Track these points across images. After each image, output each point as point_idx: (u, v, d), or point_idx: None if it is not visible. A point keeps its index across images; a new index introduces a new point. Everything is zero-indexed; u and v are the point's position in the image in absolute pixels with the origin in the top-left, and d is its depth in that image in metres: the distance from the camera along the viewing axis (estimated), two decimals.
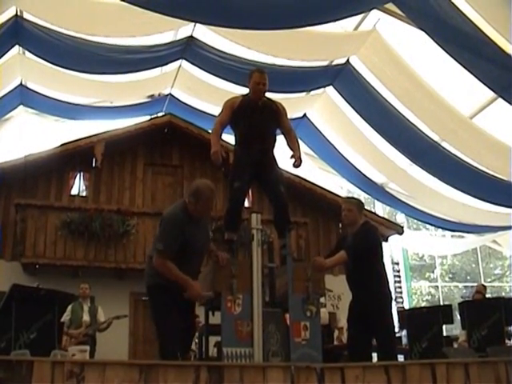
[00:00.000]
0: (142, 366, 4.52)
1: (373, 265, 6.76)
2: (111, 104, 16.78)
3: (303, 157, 6.69)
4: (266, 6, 10.67)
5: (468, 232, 19.49)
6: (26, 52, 13.41)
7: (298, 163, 6.44)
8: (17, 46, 12.99)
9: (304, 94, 16.06)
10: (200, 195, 5.64)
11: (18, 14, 11.77)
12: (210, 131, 6.56)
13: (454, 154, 13.72)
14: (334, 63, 14.36)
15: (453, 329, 14.32)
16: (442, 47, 11.23)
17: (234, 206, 6.39)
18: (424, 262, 27.70)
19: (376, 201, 20.96)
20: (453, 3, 10.23)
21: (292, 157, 6.47)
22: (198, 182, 5.84)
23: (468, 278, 27.59)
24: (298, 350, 5.60)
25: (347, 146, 16.84)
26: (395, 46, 12.84)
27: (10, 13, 11.63)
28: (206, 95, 15.64)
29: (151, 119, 16.04)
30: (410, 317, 9.47)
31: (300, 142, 7.04)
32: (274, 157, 6.61)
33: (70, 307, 10.50)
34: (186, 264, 5.57)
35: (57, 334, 6.48)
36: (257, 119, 6.38)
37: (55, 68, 13.44)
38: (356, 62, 13.82)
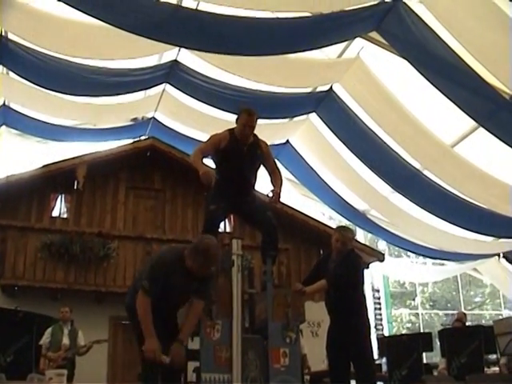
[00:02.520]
0: None
1: (353, 293, 6.77)
2: (94, 126, 16.74)
3: (285, 183, 6.69)
4: (251, 32, 10.75)
5: (449, 260, 19.53)
6: (10, 72, 13.38)
7: (275, 199, 6.35)
8: (0, 66, 12.98)
9: (287, 120, 16.11)
10: (205, 258, 5.34)
11: (3, 34, 11.77)
12: (191, 158, 6.38)
13: (436, 182, 13.78)
14: (317, 90, 14.43)
15: (433, 356, 14.31)
16: (424, 76, 11.34)
17: (209, 227, 6.35)
18: (405, 290, 27.75)
19: (357, 228, 20.97)
20: (436, 33, 10.35)
21: (271, 191, 6.40)
22: (205, 239, 5.49)
23: (448, 305, 27.65)
24: (277, 376, 5.57)
25: (329, 172, 16.88)
26: (378, 74, 12.93)
27: None
28: (190, 119, 15.66)
29: (134, 142, 16.03)
30: (390, 344, 9.49)
31: (282, 168, 7.07)
32: (254, 193, 6.59)
33: (49, 330, 10.43)
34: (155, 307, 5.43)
35: (34, 357, 6.43)
36: (241, 165, 6.28)
37: (39, 89, 13.42)
38: (339, 90, 13.89)
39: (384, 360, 10.47)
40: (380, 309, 20.86)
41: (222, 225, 6.86)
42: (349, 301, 6.68)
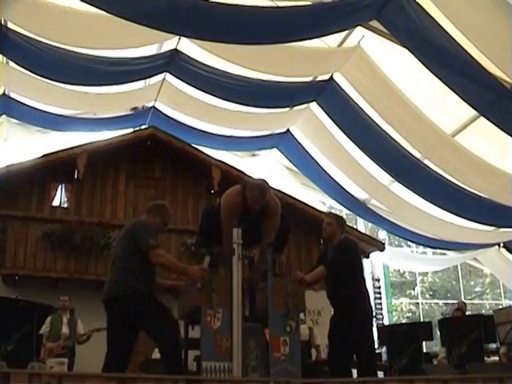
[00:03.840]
0: (120, 378, 4.49)
1: (352, 280, 6.81)
2: (94, 116, 16.71)
3: (285, 172, 6.69)
4: (251, 21, 10.73)
5: (449, 249, 19.54)
6: (10, 62, 13.35)
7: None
8: (0, 56, 12.95)
9: (287, 109, 16.08)
10: (167, 210, 6.46)
11: (2, 23, 11.74)
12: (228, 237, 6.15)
13: (436, 172, 13.76)
14: (317, 79, 14.40)
15: (432, 345, 14.31)
16: (425, 65, 11.31)
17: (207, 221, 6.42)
18: (405, 279, 27.72)
19: (358, 217, 20.98)
20: (436, 22, 10.32)
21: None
22: (165, 203, 6.74)
23: (448, 295, 27.62)
24: (277, 365, 5.59)
25: (330, 162, 16.86)
26: (379, 63, 12.89)
27: None
28: (190, 108, 15.64)
29: (134, 132, 16.02)
30: (390, 333, 9.52)
31: (282, 157, 7.04)
32: None
33: (49, 319, 10.45)
34: (148, 269, 5.88)
35: (35, 346, 6.44)
36: (248, 229, 6.21)
37: (39, 78, 13.38)
38: (340, 79, 13.85)
39: (384, 349, 10.48)
40: (380, 298, 20.82)
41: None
42: (347, 286, 6.74)
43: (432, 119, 12.99)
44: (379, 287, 20.96)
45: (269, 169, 18.27)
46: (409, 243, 23.03)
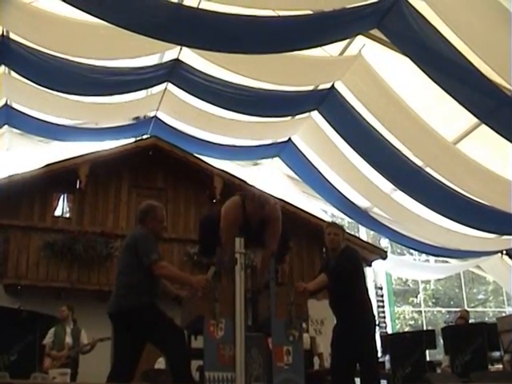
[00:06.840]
0: None
1: (355, 289, 6.81)
2: (96, 126, 16.74)
3: (287, 181, 6.67)
4: (252, 31, 10.75)
5: (451, 257, 19.53)
6: (12, 72, 13.38)
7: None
8: (2, 66, 12.98)
9: (289, 118, 16.10)
10: (155, 209, 6.18)
11: (4, 34, 11.78)
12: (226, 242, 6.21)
13: (438, 180, 13.77)
14: (319, 88, 14.41)
15: (436, 354, 14.27)
16: (426, 73, 11.34)
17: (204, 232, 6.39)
18: (407, 287, 27.70)
19: (360, 225, 20.97)
20: (437, 30, 10.34)
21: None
22: (148, 203, 6.32)
23: (451, 303, 27.60)
24: (280, 374, 5.57)
25: (331, 170, 16.87)
26: (380, 72, 12.91)
27: None
28: (192, 118, 15.66)
29: (136, 141, 16.03)
30: (393, 341, 9.47)
31: (284, 166, 7.03)
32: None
33: (52, 330, 10.42)
34: (152, 281, 5.88)
35: (38, 357, 6.42)
36: (248, 239, 6.21)
37: (41, 88, 13.42)
38: (341, 87, 13.87)
39: (387, 358, 10.45)
40: (383, 306, 20.81)
41: None
42: (350, 295, 6.73)
43: (433, 127, 13.00)
44: (382, 295, 20.96)
45: (270, 178, 18.30)
46: (411, 251, 23.03)
